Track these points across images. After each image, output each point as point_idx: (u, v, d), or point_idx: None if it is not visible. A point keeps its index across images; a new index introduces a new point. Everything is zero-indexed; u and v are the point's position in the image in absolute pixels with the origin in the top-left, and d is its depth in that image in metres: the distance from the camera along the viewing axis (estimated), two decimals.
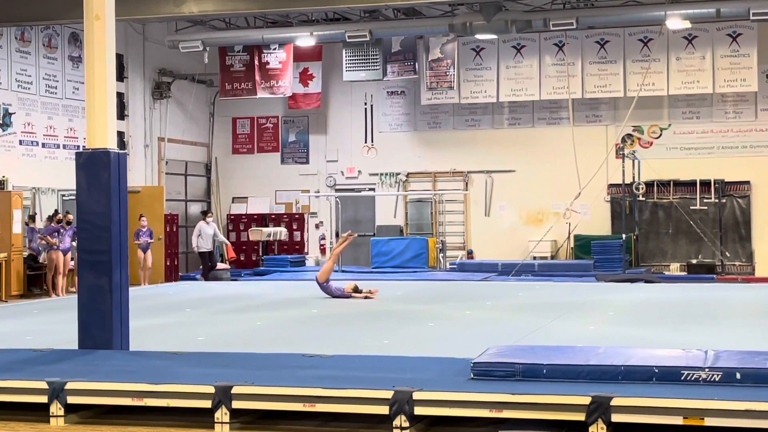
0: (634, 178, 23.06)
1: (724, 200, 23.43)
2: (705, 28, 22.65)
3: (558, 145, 23.85)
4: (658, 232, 23.83)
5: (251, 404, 7.09)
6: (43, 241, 19.02)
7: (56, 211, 19.79)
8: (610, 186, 23.80)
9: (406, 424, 6.69)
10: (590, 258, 22.49)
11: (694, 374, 6.94)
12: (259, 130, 26.74)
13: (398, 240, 24.37)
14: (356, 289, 16.41)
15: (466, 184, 25.24)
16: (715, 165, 23.40)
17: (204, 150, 26.71)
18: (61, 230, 18.98)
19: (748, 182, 23.39)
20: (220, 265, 23.27)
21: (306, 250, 25.95)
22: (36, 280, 19.67)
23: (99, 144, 9.44)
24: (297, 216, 26.08)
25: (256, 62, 24.26)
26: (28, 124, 20.43)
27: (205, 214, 23.36)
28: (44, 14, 18.91)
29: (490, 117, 24.99)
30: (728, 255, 23.23)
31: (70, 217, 19.12)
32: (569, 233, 23.48)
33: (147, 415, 7.34)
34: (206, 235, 22.66)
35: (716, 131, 23.60)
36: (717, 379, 6.87)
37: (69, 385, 7.36)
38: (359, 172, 26.00)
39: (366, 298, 16.26)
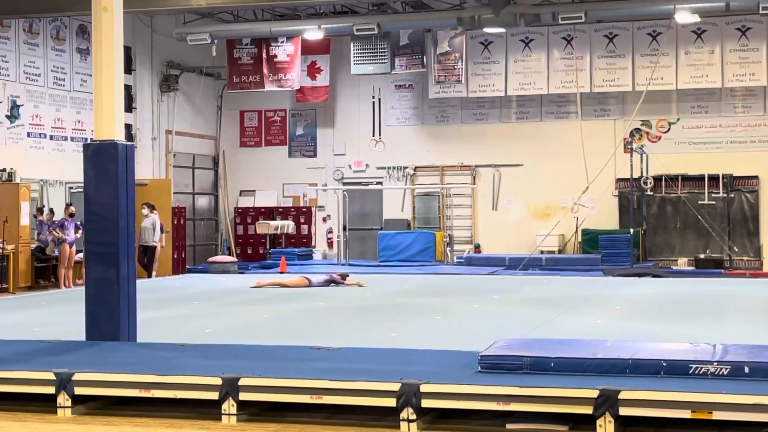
0: (642, 172, 23.01)
1: (733, 195, 23.36)
2: (714, 22, 22.58)
3: (566, 139, 23.79)
4: (666, 227, 23.77)
5: (258, 396, 7.08)
6: (55, 234, 19.06)
7: (69, 204, 19.79)
8: (618, 180, 23.74)
9: (413, 417, 6.67)
10: (598, 252, 22.45)
11: (702, 368, 6.91)
12: (267, 123, 26.73)
13: (405, 234, 24.34)
14: (344, 277, 17.34)
15: (474, 178, 25.21)
16: (723, 159, 23.32)
17: (211, 143, 26.71)
18: (65, 223, 19.02)
19: (756, 177, 23.32)
20: (225, 257, 23.28)
21: (313, 244, 25.96)
22: (43, 272, 19.70)
23: (107, 136, 9.44)
24: (304, 209, 26.09)
25: (264, 55, 24.25)
26: (36, 117, 20.44)
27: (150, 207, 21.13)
28: (52, 6, 18.95)
29: (498, 111, 24.95)
30: (736, 250, 23.17)
31: (73, 209, 19.16)
32: (577, 227, 23.43)
33: (154, 406, 7.34)
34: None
35: (725, 126, 23.52)
36: (725, 373, 6.84)
37: (76, 376, 7.36)
38: (367, 165, 25.99)
39: (358, 285, 17.04)
